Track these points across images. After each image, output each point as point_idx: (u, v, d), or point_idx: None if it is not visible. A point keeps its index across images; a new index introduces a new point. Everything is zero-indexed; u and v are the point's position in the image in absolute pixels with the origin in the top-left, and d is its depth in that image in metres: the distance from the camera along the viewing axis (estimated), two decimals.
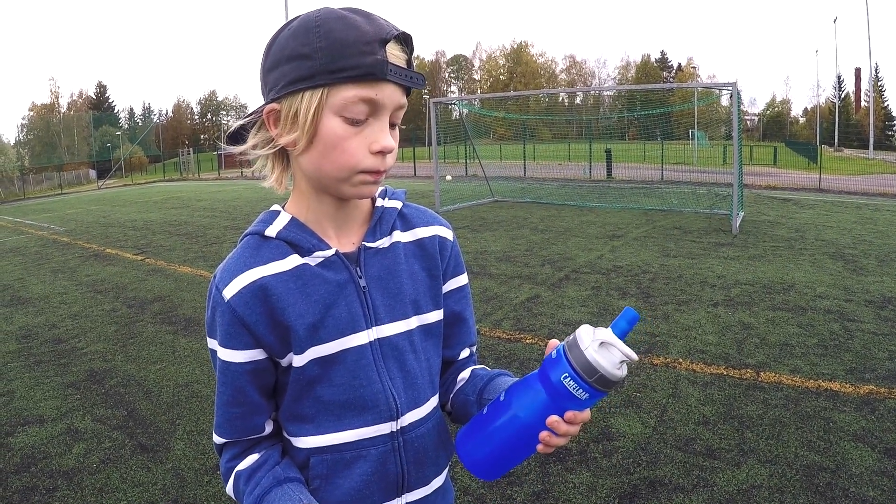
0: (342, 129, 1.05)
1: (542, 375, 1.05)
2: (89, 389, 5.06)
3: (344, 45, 1.01)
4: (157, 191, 32.74)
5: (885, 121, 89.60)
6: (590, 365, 0.98)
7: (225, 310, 1.13)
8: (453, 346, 1.36)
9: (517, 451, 1.09)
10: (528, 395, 1.06)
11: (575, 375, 1.00)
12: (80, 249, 12.57)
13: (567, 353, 1.01)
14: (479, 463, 1.11)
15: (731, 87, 13.35)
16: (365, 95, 1.04)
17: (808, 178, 26.22)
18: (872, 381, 4.74)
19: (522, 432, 1.06)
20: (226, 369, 1.15)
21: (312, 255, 1.16)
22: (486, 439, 1.09)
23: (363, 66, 1.01)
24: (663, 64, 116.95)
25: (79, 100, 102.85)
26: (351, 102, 1.04)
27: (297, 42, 1.04)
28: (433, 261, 1.29)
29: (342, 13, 1.04)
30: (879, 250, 9.80)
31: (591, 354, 0.98)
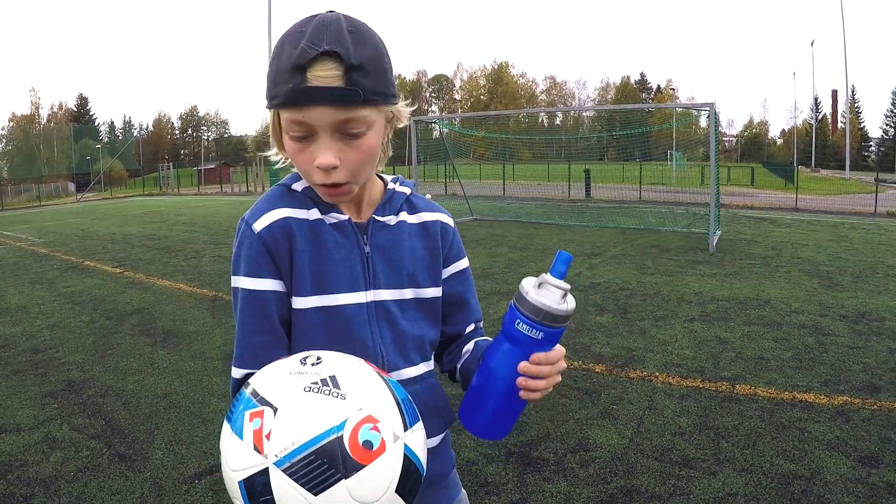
0: (291, 145, 1.17)
1: (503, 331, 1.18)
2: (67, 399, 5.03)
3: (273, 73, 1.12)
4: (136, 205, 32.57)
5: (861, 142, 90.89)
6: (534, 306, 1.11)
7: (254, 240, 1.24)
8: (458, 323, 1.48)
9: (507, 404, 1.20)
10: (498, 351, 1.18)
11: (525, 319, 1.12)
12: (59, 261, 12.48)
13: (516, 303, 1.14)
14: (482, 427, 1.23)
15: (708, 108, 13.52)
16: (293, 118, 1.13)
17: (784, 198, 26.57)
18: (847, 392, 4.82)
19: (503, 386, 1.17)
20: (252, 299, 1.24)
21: (329, 214, 1.28)
22: (479, 403, 1.22)
23: (281, 94, 1.10)
24: (643, 85, 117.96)
25: (59, 111, 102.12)
26: (288, 123, 1.14)
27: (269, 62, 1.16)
28: (434, 242, 1.41)
29: (287, 34, 1.13)
30: (854, 267, 9.95)
31: (532, 297, 1.11)
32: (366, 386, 1.03)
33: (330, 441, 0.93)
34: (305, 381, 1.00)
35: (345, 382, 1.01)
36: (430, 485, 1.38)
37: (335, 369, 1.03)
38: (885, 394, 4.79)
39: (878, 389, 4.87)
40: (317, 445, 0.93)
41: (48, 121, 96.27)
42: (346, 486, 0.93)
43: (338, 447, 0.93)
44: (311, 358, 1.06)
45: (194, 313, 7.65)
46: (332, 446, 0.93)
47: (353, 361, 1.09)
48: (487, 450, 4.01)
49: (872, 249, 12.02)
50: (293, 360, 1.07)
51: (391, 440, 0.99)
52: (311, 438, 0.93)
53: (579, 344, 6.11)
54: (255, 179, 44.34)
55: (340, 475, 0.93)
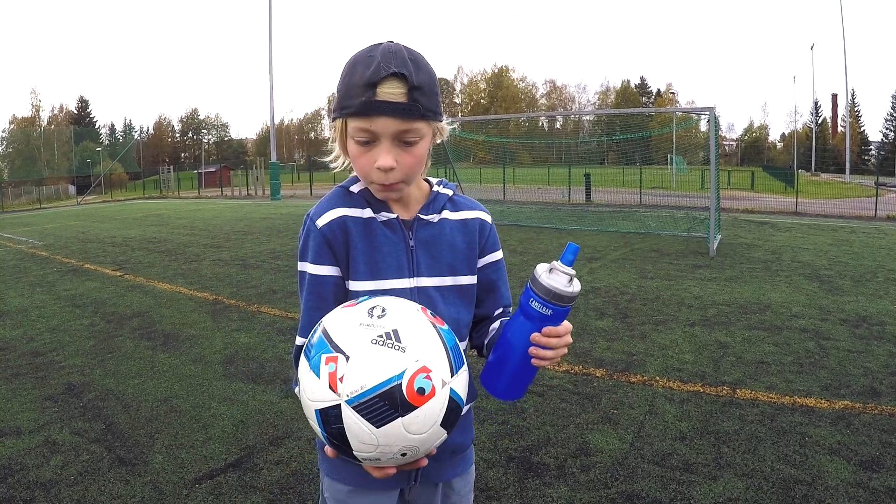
0: (355, 149, 1.42)
1: (520, 308, 1.40)
2: (67, 402, 5.02)
3: (346, 87, 1.37)
4: (136, 208, 32.56)
5: (861, 145, 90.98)
6: (545, 287, 1.33)
7: (317, 234, 1.50)
8: (488, 306, 1.72)
9: (521, 369, 1.42)
10: (515, 324, 1.42)
11: (538, 298, 1.34)
12: (59, 264, 12.47)
13: (530, 285, 1.36)
14: (501, 389, 1.46)
15: (709, 112, 13.52)
16: (362, 126, 1.37)
17: (785, 202, 26.56)
18: (848, 396, 4.82)
19: (518, 353, 1.40)
20: (315, 282, 1.51)
21: (381, 213, 1.53)
22: (497, 367, 1.45)
23: (354, 106, 1.35)
24: (643, 89, 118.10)
25: (60, 114, 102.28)
26: (356, 130, 1.38)
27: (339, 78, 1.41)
28: (473, 236, 1.65)
29: (358, 57, 1.37)
30: (855, 271, 9.95)
31: (544, 280, 1.34)
32: (422, 338, 1.24)
33: (391, 387, 1.17)
34: (373, 333, 1.22)
35: (405, 335, 1.23)
36: (452, 453, 1.68)
37: (398, 322, 1.24)
38: (886, 398, 4.79)
39: (878, 394, 4.87)
40: (381, 391, 1.17)
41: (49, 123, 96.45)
42: (402, 422, 1.18)
43: (397, 392, 1.17)
44: (377, 309, 1.27)
45: (194, 317, 7.65)
46: (392, 391, 1.17)
47: (413, 313, 1.30)
48: (488, 455, 4.01)
49: (873, 253, 12.01)
50: (362, 309, 1.29)
51: (440, 386, 1.22)
52: (376, 384, 1.17)
53: (580, 348, 6.11)
54: (256, 182, 44.33)
55: (398, 414, 1.18)
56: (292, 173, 66.95)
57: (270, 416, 4.66)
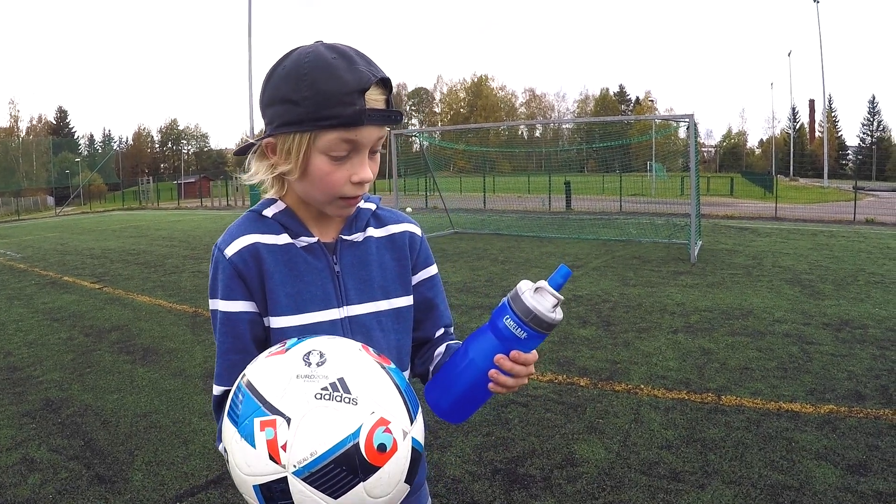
0: (327, 165, 1.24)
1: (490, 323, 1.24)
2: (45, 418, 4.93)
3: (327, 96, 1.17)
4: (115, 219, 32.29)
5: (838, 150, 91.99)
6: (526, 307, 1.17)
7: (226, 265, 1.31)
8: (427, 327, 1.55)
9: (474, 391, 1.26)
10: (480, 340, 1.25)
11: (515, 317, 1.19)
12: (37, 277, 12.32)
13: (510, 301, 1.21)
14: (445, 408, 1.29)
15: (688, 119, 13.58)
16: (346, 138, 1.21)
17: (764, 207, 26.76)
18: (832, 400, 4.82)
19: (476, 372, 1.24)
20: (227, 320, 1.32)
21: (299, 238, 1.35)
22: (448, 383, 1.28)
23: (343, 116, 1.18)
24: (622, 97, 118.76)
25: (38, 124, 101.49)
26: (334, 143, 1.21)
27: (287, 87, 1.21)
28: (403, 252, 1.49)
29: (328, 61, 1.19)
30: (835, 275, 10.01)
31: (527, 298, 1.18)
32: (373, 383, 1.06)
33: (347, 449, 0.98)
34: (315, 386, 1.02)
35: (353, 383, 1.03)
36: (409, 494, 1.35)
37: (341, 368, 1.05)
38: (871, 401, 4.80)
39: (863, 397, 4.88)
40: (335, 455, 0.97)
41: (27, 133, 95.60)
42: (364, 487, 0.99)
43: (355, 454, 0.98)
44: (313, 355, 1.07)
45: (174, 330, 7.56)
46: (349, 453, 0.98)
47: (356, 354, 1.11)
48: (473, 468, 3.96)
49: (853, 257, 12.10)
50: (295, 356, 1.07)
51: (401, 438, 1.04)
52: (328, 448, 0.97)
53: (563, 357, 6.08)
54: (236, 193, 44.13)
55: (359, 479, 0.99)
56: None
57: None
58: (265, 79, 1.28)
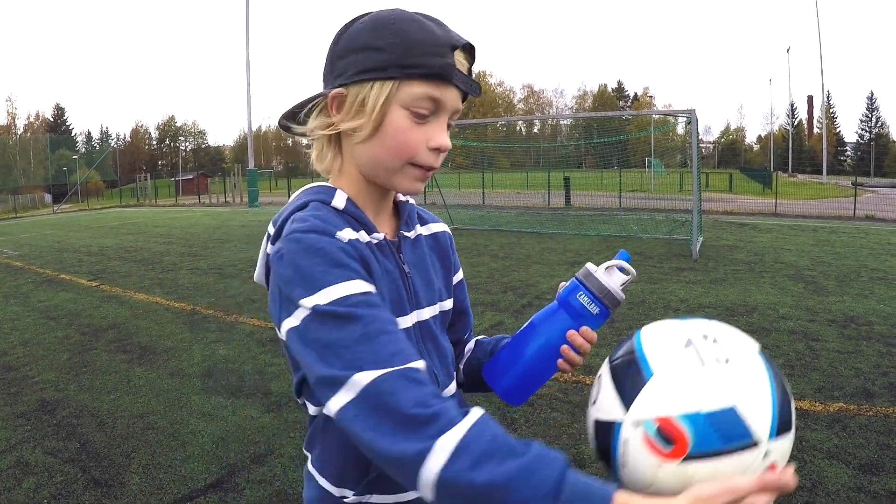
0: (406, 121, 1.11)
1: (561, 301, 1.26)
2: (40, 420, 4.85)
3: (417, 44, 1.08)
4: (113, 216, 32.19)
5: (837, 146, 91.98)
6: (601, 284, 1.22)
7: (345, 248, 1.06)
8: (459, 331, 1.46)
9: (542, 368, 1.26)
10: (551, 317, 1.26)
11: (589, 293, 1.23)
12: (34, 274, 12.23)
13: (581, 278, 1.25)
14: (508, 386, 1.27)
15: (689, 115, 13.50)
16: (432, 94, 1.10)
17: (763, 204, 26.71)
18: (841, 398, 4.75)
19: (546, 350, 1.24)
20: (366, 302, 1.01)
21: (372, 234, 1.19)
22: (515, 363, 1.27)
23: (433, 66, 1.08)
24: (620, 93, 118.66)
25: (36, 122, 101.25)
26: (418, 98, 1.10)
27: (370, 35, 1.10)
28: (446, 253, 1.40)
29: (416, 16, 1.11)
30: (838, 271, 9.94)
31: (600, 276, 1.23)
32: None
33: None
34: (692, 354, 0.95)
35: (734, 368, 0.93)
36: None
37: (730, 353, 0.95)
38: (880, 399, 4.73)
39: (872, 395, 4.81)
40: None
41: (24, 131, 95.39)
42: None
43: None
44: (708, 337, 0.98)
45: (171, 328, 7.47)
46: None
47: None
48: None
49: (854, 253, 12.04)
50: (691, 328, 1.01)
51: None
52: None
53: None
54: (233, 190, 44.03)
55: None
56: (270, 180, 66.51)
57: (251, 431, 4.51)
58: (336, 37, 1.17)
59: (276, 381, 5.52)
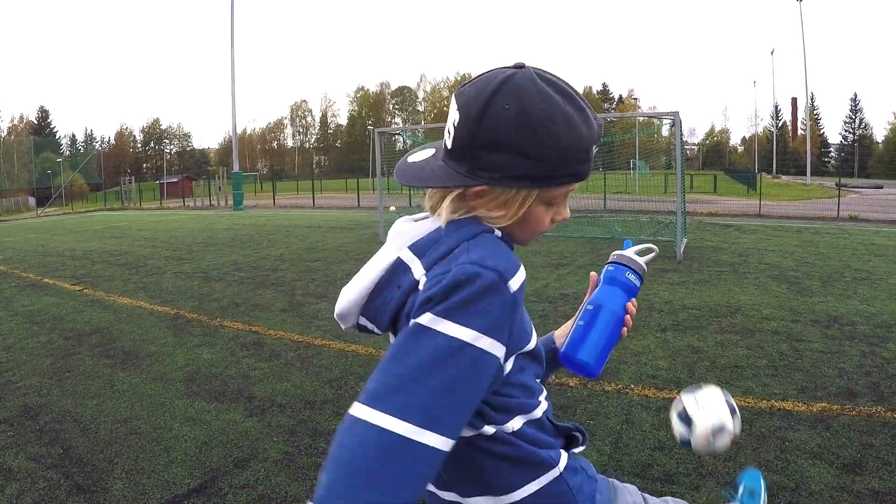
0: (545, 213, 1.23)
1: (610, 283, 1.49)
2: (23, 425, 4.81)
3: (570, 152, 1.12)
4: (97, 220, 31.97)
5: (821, 148, 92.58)
6: (637, 262, 1.50)
7: (511, 302, 1.10)
8: None
9: (614, 336, 1.44)
10: (613, 295, 1.47)
11: (633, 271, 1.50)
12: (17, 279, 12.13)
13: (622, 262, 1.50)
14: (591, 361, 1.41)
15: (673, 116, 13.55)
16: (570, 190, 1.22)
17: (748, 205, 26.85)
18: (824, 398, 4.78)
19: (617, 321, 1.44)
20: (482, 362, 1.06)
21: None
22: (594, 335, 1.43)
23: (581, 173, 1.17)
24: (605, 95, 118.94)
25: (20, 124, 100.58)
26: (561, 196, 1.22)
27: (522, 136, 1.10)
28: None
29: (566, 111, 1.11)
30: (822, 271, 10.00)
31: (637, 258, 1.51)
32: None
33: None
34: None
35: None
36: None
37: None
38: (863, 399, 4.76)
39: (855, 395, 4.84)
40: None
41: (8, 133, 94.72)
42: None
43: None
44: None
45: (155, 332, 7.43)
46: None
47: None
48: None
49: (838, 253, 12.12)
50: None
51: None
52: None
53: None
54: (218, 193, 43.87)
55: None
56: (255, 183, 66.29)
57: (234, 436, 4.49)
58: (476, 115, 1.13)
59: (259, 385, 5.50)
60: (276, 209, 34.48)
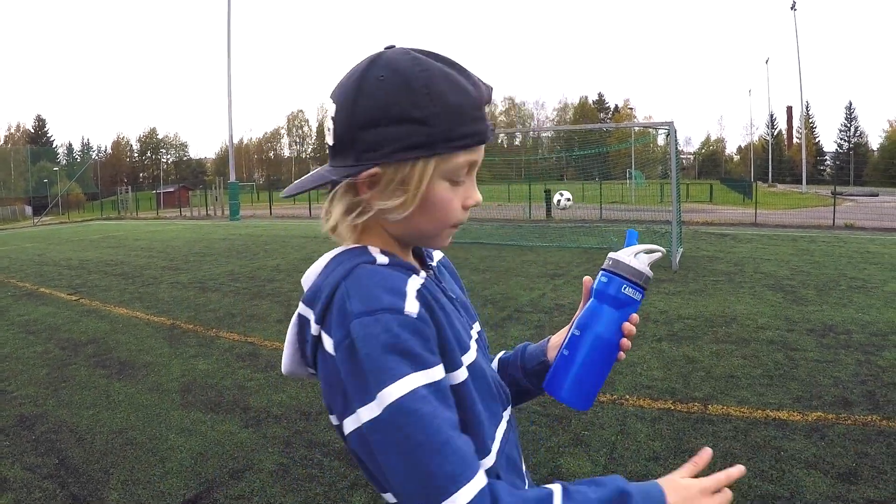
0: (448, 191, 1.08)
1: (601, 299, 1.25)
2: (19, 436, 4.80)
3: (459, 111, 1.02)
4: (94, 229, 31.94)
5: (816, 156, 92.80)
6: (637, 270, 1.24)
7: (416, 325, 0.97)
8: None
9: (606, 366, 1.25)
10: (601, 317, 1.24)
11: (630, 283, 1.24)
12: (13, 288, 12.11)
13: (616, 271, 1.25)
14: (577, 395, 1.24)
15: (668, 126, 13.58)
16: (471, 159, 1.08)
17: (743, 214, 26.88)
18: (819, 407, 4.79)
19: (608, 348, 1.24)
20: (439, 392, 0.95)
21: (419, 274, 1.11)
22: (581, 368, 1.24)
23: (478, 134, 1.05)
24: (601, 105, 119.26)
25: (16, 133, 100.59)
26: (461, 167, 1.07)
27: (404, 101, 1.00)
28: (455, 275, 1.39)
29: (443, 69, 1.03)
30: (817, 280, 10.02)
31: (634, 263, 1.24)
32: None
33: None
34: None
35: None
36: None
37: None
38: (858, 408, 4.77)
39: (850, 404, 4.85)
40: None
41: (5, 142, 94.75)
42: None
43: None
44: None
45: (151, 342, 7.42)
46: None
47: None
48: None
49: (834, 262, 12.15)
50: None
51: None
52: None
53: None
54: (215, 203, 43.85)
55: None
56: (251, 193, 66.30)
57: (230, 447, 4.48)
58: (351, 94, 1.03)
59: (254, 396, 5.50)
60: (272, 219, 34.46)
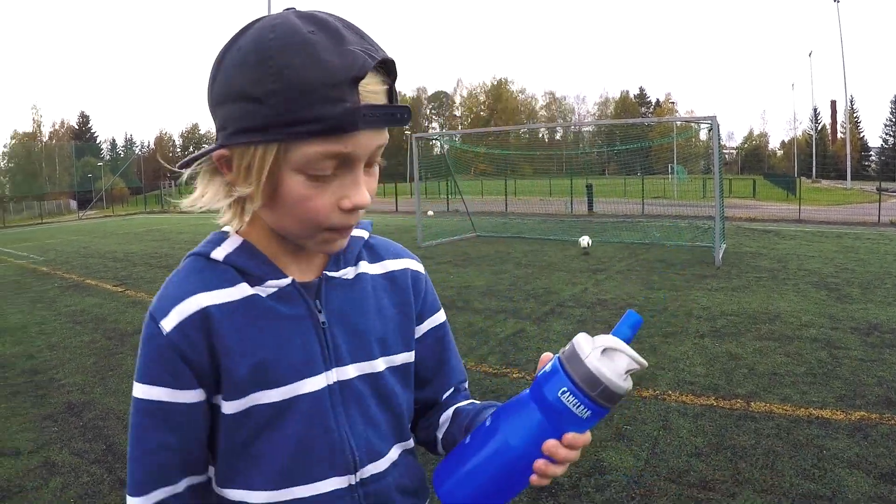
0: (305, 188, 0.88)
1: (535, 394, 0.90)
2: (67, 422, 4.93)
3: (304, 89, 0.81)
4: (138, 223, 32.54)
5: (861, 151, 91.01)
6: (592, 376, 0.85)
7: (164, 346, 0.93)
8: (437, 387, 1.21)
9: (508, 485, 0.92)
10: (521, 417, 0.90)
11: (575, 389, 0.86)
12: (60, 280, 12.40)
13: (565, 364, 0.88)
14: (457, 499, 0.92)
15: (710, 121, 13.45)
16: (332, 151, 0.85)
17: (787, 210, 26.47)
18: (863, 407, 4.72)
19: (515, 462, 0.90)
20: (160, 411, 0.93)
21: (264, 284, 0.98)
22: (471, 473, 0.92)
23: (328, 118, 0.82)
24: (642, 99, 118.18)
25: (61, 129, 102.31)
26: (314, 160, 0.85)
27: (244, 77, 0.84)
28: (405, 296, 1.14)
29: (306, 37, 0.82)
30: (862, 278, 9.86)
31: (593, 364, 0.86)
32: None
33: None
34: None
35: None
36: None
37: None
38: None
39: (894, 404, 4.77)
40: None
41: (50, 138, 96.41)
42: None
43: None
44: None
45: None
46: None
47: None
48: None
49: (879, 260, 11.93)
50: None
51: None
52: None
53: None
54: None
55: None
56: None
57: None
58: (214, 65, 0.91)
59: None
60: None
